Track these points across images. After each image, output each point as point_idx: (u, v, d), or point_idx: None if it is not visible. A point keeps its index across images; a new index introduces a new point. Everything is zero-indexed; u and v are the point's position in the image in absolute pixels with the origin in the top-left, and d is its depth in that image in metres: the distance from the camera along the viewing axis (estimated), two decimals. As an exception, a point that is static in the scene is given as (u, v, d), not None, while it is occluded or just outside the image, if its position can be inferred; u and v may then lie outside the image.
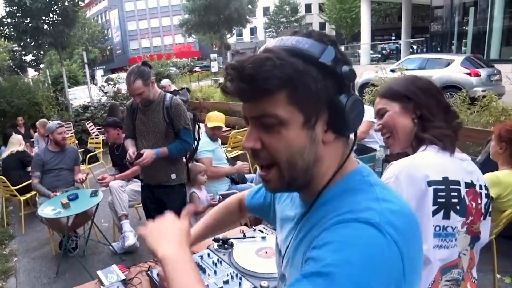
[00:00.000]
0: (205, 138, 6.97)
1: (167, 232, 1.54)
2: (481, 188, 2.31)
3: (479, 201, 2.29)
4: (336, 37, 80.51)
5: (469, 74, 17.53)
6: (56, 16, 18.53)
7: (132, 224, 8.03)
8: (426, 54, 23.15)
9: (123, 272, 3.57)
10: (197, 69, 55.44)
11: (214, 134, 7.35)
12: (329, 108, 1.27)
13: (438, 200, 2.21)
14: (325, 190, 1.35)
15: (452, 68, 18.34)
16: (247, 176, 7.83)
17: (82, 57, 25.97)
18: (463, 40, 27.98)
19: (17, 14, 18.27)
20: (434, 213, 2.22)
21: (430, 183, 2.21)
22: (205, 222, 2.46)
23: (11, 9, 18.15)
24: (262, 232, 3.43)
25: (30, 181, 8.53)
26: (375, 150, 6.76)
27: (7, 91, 15.87)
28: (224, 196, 6.80)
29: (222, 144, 8.56)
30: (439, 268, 2.27)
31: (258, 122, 1.30)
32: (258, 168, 6.46)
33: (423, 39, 37.87)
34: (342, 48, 31.54)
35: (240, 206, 2.47)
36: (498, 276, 5.19)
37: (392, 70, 13.45)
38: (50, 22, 18.63)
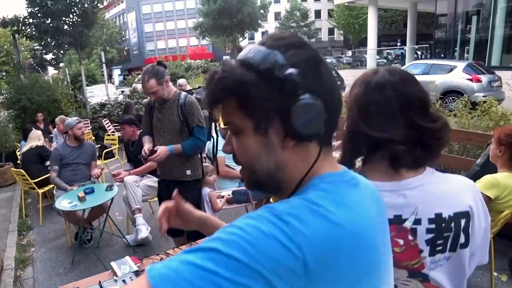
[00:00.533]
0: (220, 137, 6.97)
1: None
2: (418, 223, 1.94)
3: (410, 238, 1.98)
4: (344, 42, 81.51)
5: (471, 80, 17.64)
6: (76, 17, 18.57)
7: (145, 218, 8.08)
8: (430, 60, 23.14)
9: (135, 264, 3.59)
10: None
11: (226, 134, 7.33)
12: (279, 114, 1.23)
13: None
14: (295, 193, 1.29)
15: (454, 74, 18.42)
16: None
17: (100, 57, 26.10)
18: (466, 47, 27.88)
19: (39, 15, 18.30)
20: None
21: None
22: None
23: (33, 10, 18.19)
24: (116, 283, 3.27)
25: (49, 174, 8.58)
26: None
27: (28, 88, 15.89)
28: (235, 193, 6.82)
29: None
30: None
31: (229, 127, 1.34)
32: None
33: (427, 45, 37.78)
34: (350, 52, 32.02)
35: None
36: (495, 274, 5.23)
37: None
38: (70, 23, 18.66)
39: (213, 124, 6.15)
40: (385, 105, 1.95)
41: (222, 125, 7.44)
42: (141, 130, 7.66)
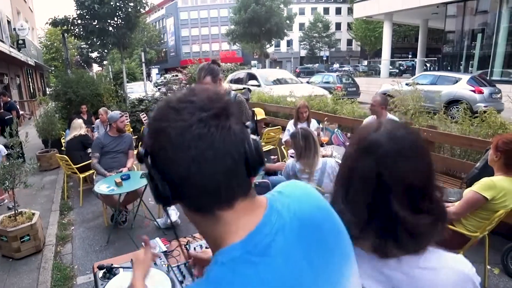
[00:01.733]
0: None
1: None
2: None
3: None
4: (360, 52, 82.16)
5: (474, 91, 18.06)
6: (120, 20, 18.64)
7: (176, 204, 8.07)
8: (437, 72, 23.26)
9: (164, 245, 3.59)
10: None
11: (260, 126, 7.35)
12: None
13: None
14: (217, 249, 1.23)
15: (459, 85, 18.85)
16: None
17: (140, 57, 26.12)
18: (470, 62, 27.99)
19: (86, 17, 18.40)
20: None
21: None
22: None
23: (81, 12, 18.29)
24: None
25: (90, 161, 8.62)
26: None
27: (74, 82, 15.97)
28: (259, 185, 6.79)
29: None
30: None
31: None
32: (288, 162, 6.45)
33: (436, 58, 37.61)
34: (365, 62, 32.51)
35: None
36: (489, 267, 5.38)
37: (407, 84, 13.45)
38: (115, 25, 18.72)
39: (254, 123, 6.13)
40: (364, 178, 1.63)
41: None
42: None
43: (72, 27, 18.97)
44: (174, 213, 7.27)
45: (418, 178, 1.58)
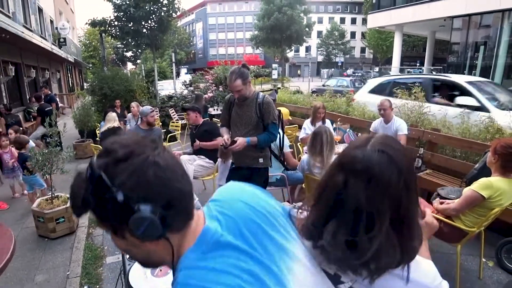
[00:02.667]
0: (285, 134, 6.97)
1: None
2: None
3: None
4: (373, 59, 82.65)
5: None
6: (153, 23, 18.77)
7: (197, 193, 8.27)
8: None
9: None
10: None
11: (285, 125, 7.38)
12: (124, 226, 1.20)
13: None
14: (175, 267, 1.31)
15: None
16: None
17: (171, 57, 26.27)
18: (473, 71, 27.57)
19: (123, 19, 18.56)
20: None
21: None
22: None
23: (118, 15, 18.46)
24: None
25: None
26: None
27: (109, 79, 16.04)
28: (279, 179, 6.86)
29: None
30: None
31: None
32: (302, 157, 6.45)
33: (442, 67, 37.24)
34: (377, 68, 32.15)
35: None
36: (484, 260, 5.46)
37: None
38: (148, 27, 18.86)
39: (280, 122, 6.14)
40: (329, 190, 1.57)
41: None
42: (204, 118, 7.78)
43: (109, 28, 19.24)
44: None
45: (375, 207, 1.43)
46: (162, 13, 18.61)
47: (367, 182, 1.44)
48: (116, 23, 19.09)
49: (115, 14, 18.73)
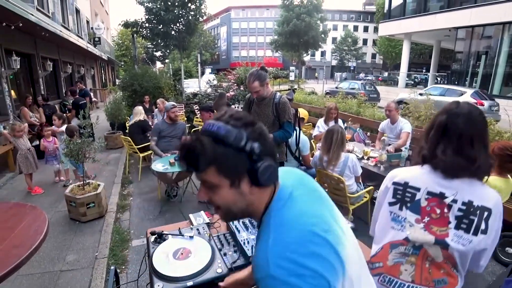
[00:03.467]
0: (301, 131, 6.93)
1: None
2: (455, 202, 2.31)
3: (446, 210, 2.34)
4: (382, 64, 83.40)
5: (476, 103, 17.60)
6: (181, 26, 18.90)
7: None
8: (446, 85, 23.54)
9: (208, 217, 3.61)
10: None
11: (302, 124, 7.38)
12: (248, 173, 1.40)
13: (396, 195, 2.53)
14: (262, 218, 1.52)
15: (464, 98, 18.76)
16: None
17: (197, 57, 26.32)
18: (475, 78, 28.20)
19: (153, 21, 18.74)
20: (392, 203, 2.55)
21: (394, 183, 2.57)
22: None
23: (149, 17, 18.66)
24: (191, 230, 3.25)
25: (148, 143, 8.69)
26: (401, 150, 6.98)
27: (139, 76, 16.12)
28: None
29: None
30: (389, 243, 2.55)
31: (202, 183, 1.47)
32: (315, 153, 6.41)
33: (446, 74, 37.49)
34: (386, 73, 32.78)
35: None
36: None
37: (420, 94, 13.55)
38: (177, 30, 19.00)
39: (297, 120, 6.12)
40: (438, 127, 2.40)
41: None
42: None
43: (140, 29, 19.46)
44: None
45: (468, 133, 2.26)
46: (190, 17, 18.79)
47: (466, 119, 2.29)
48: (147, 25, 19.31)
49: (147, 17, 18.97)
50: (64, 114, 10.09)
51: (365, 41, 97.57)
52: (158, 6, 18.34)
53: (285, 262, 1.29)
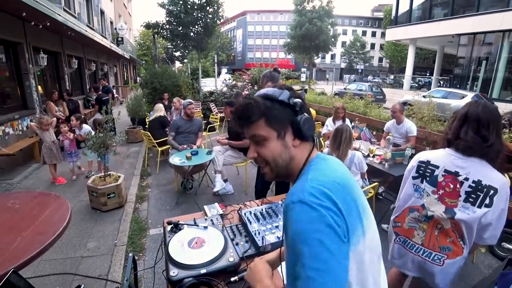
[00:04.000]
0: None
1: (260, 272, 1.83)
2: (466, 180, 2.76)
3: (458, 186, 2.80)
4: (389, 68, 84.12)
5: None
6: (200, 28, 18.99)
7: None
8: (448, 88, 23.56)
9: (221, 209, 3.60)
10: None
11: None
12: (291, 125, 1.62)
13: (419, 171, 3.06)
14: (301, 171, 1.65)
15: (465, 100, 18.71)
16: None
17: (214, 58, 26.31)
18: (475, 82, 28.38)
19: (173, 23, 18.84)
20: (415, 177, 3.09)
21: (419, 162, 3.09)
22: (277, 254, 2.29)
23: (170, 19, 18.79)
24: (206, 221, 3.23)
25: (167, 138, 8.72)
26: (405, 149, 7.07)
27: (159, 75, 16.19)
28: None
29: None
30: (408, 207, 3.14)
31: (253, 140, 1.67)
32: (324, 150, 6.39)
33: (448, 78, 37.72)
34: (392, 76, 33.41)
35: None
36: None
37: (424, 96, 13.50)
38: (195, 32, 19.07)
39: None
40: (461, 116, 2.86)
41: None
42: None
43: (161, 30, 19.61)
44: (219, 184, 7.43)
45: (485, 118, 2.70)
46: (208, 20, 18.92)
47: (483, 107, 2.76)
48: (167, 26, 19.42)
49: (167, 19, 19.12)
50: (83, 116, 10.13)
51: (372, 45, 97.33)
52: (178, 9, 18.48)
53: (318, 193, 1.40)
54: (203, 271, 2.53)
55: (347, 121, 8.70)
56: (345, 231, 1.38)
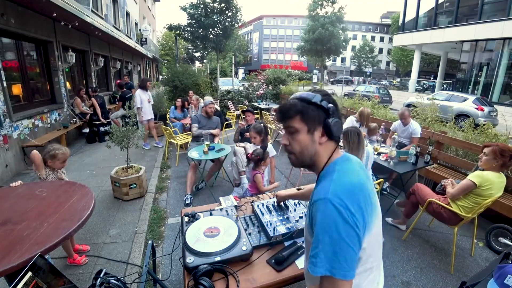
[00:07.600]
0: None
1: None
2: None
3: None
4: (395, 71, 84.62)
5: (477, 108, 18.97)
6: (219, 31, 19.06)
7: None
8: (451, 91, 23.68)
9: (236, 201, 3.60)
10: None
11: None
12: (323, 124, 1.78)
13: None
14: (323, 170, 1.84)
15: (466, 103, 19.73)
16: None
17: (231, 59, 26.43)
18: (477, 86, 28.46)
19: (194, 26, 18.91)
20: None
21: None
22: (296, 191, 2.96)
23: (191, 22, 18.87)
24: (221, 211, 3.28)
25: (186, 133, 8.70)
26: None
27: (180, 74, 16.26)
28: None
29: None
30: None
31: (287, 130, 1.84)
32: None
33: (451, 81, 37.43)
34: (398, 79, 33.71)
35: None
36: (475, 241, 5.76)
37: (428, 99, 13.47)
38: (215, 34, 19.14)
39: None
40: None
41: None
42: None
43: (182, 32, 19.73)
44: (246, 185, 7.34)
45: None
46: (227, 23, 19.04)
47: None
48: (188, 28, 19.52)
49: (188, 21, 19.21)
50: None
51: (380, 50, 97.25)
52: (199, 12, 18.56)
53: (343, 193, 1.59)
54: (217, 258, 2.56)
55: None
56: (360, 227, 1.57)
